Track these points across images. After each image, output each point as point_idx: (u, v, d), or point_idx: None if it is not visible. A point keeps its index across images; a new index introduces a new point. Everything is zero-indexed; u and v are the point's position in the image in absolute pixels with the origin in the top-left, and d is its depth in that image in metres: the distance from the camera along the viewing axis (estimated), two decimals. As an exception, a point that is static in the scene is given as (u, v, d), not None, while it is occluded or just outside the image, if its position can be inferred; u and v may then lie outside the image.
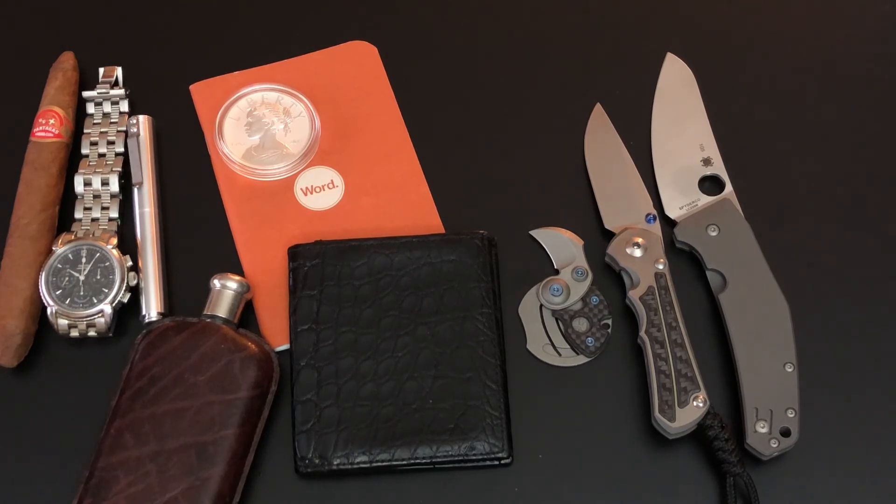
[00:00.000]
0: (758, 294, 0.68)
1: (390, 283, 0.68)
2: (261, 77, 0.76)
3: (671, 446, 0.66)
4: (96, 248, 0.69)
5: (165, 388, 0.64)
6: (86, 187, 0.72)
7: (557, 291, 0.69)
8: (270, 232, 0.72)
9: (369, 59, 0.78)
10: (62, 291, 0.67)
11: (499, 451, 0.65)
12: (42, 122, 0.72)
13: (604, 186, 0.74)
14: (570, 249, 0.71)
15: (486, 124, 0.76)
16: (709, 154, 0.74)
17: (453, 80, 0.78)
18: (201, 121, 0.75)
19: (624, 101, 0.77)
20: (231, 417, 0.63)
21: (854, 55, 0.80)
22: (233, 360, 0.65)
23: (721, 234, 0.70)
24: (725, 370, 0.68)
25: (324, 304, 0.67)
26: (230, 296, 0.67)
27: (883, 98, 0.78)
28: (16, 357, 0.66)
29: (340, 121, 0.75)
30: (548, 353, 0.69)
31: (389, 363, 0.66)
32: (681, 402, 0.64)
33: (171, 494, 0.61)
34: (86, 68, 0.77)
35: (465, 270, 0.68)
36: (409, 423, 0.65)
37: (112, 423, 0.63)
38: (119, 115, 0.75)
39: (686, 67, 0.78)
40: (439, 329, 0.67)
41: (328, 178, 0.73)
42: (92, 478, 0.62)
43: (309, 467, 0.64)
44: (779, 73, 0.79)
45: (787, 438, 0.64)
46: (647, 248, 0.69)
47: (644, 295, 0.68)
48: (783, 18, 0.81)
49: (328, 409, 0.65)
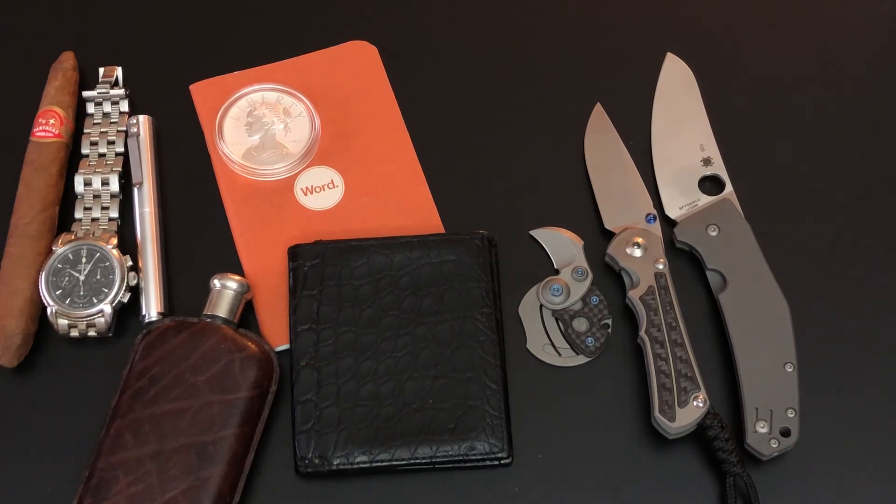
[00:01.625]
0: (758, 294, 0.68)
1: (390, 283, 0.68)
2: (261, 77, 0.76)
3: (671, 446, 0.66)
4: (96, 248, 0.69)
5: (165, 388, 0.64)
6: (86, 187, 0.72)
7: (557, 291, 0.69)
8: (270, 232, 0.72)
9: (369, 59, 0.78)
10: (62, 291, 0.67)
11: (499, 451, 0.65)
12: (42, 122, 0.72)
13: (604, 186, 0.74)
14: (570, 249, 0.71)
15: (485, 124, 0.76)
16: (709, 154, 0.74)
17: (453, 80, 0.78)
18: (201, 121, 0.75)
19: (624, 101, 0.77)
20: (231, 417, 0.63)
21: (854, 55, 0.80)
22: (233, 360, 0.65)
23: (721, 234, 0.70)
24: (725, 370, 0.68)
25: (324, 304, 0.67)
26: (230, 296, 0.67)
27: (883, 98, 0.78)
28: (16, 357, 0.66)
29: (340, 121, 0.75)
30: (548, 353, 0.69)
31: (389, 363, 0.66)
32: (681, 402, 0.64)
33: (171, 494, 0.61)
34: (86, 68, 0.77)
35: (465, 270, 0.68)
36: (409, 423, 0.65)
37: (112, 423, 0.63)
38: (119, 115, 0.75)
39: (686, 67, 0.78)
40: (439, 329, 0.67)
41: (328, 178, 0.73)
42: (92, 478, 0.62)
43: (309, 467, 0.64)
44: (779, 73, 0.79)
45: (787, 438, 0.64)
46: (647, 248, 0.69)
47: (644, 295, 0.68)
48: (783, 18, 0.81)
49: (328, 409, 0.65)
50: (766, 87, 0.78)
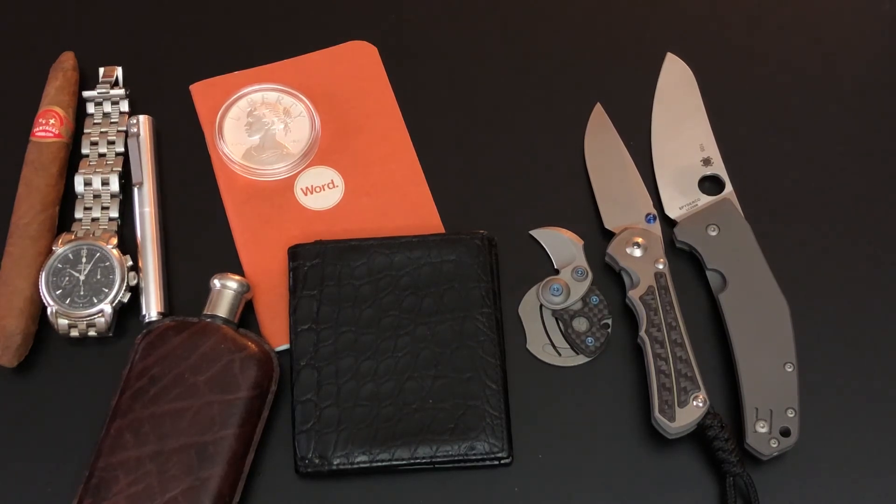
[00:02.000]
0: (758, 294, 0.68)
1: (390, 283, 0.68)
2: (261, 77, 0.76)
3: (671, 446, 0.66)
4: (96, 247, 0.69)
5: (165, 388, 0.64)
6: (86, 187, 0.72)
7: (557, 291, 0.69)
8: (270, 232, 0.72)
9: (369, 59, 0.78)
10: (62, 291, 0.67)
11: (499, 451, 0.65)
12: (42, 122, 0.72)
13: (604, 186, 0.74)
14: (570, 249, 0.71)
15: (486, 124, 0.76)
16: (709, 154, 0.74)
17: (453, 80, 0.78)
18: (201, 121, 0.75)
19: (624, 101, 0.77)
20: (231, 417, 0.63)
21: (854, 55, 0.79)
22: (233, 360, 0.65)
23: (721, 234, 0.70)
24: (725, 370, 0.68)
25: (324, 304, 0.67)
26: (230, 296, 0.67)
27: (883, 98, 0.78)
28: (16, 357, 0.66)
29: (340, 121, 0.75)
30: (548, 353, 0.69)
31: (389, 363, 0.66)
32: (681, 402, 0.64)
33: (171, 494, 0.61)
34: (86, 68, 0.77)
35: (465, 270, 0.68)
36: (409, 423, 0.65)
37: (112, 423, 0.63)
38: (119, 115, 0.75)
39: (686, 67, 0.78)
40: (439, 329, 0.67)
41: (328, 178, 0.73)
42: (92, 478, 0.62)
43: (309, 467, 0.64)
44: (779, 73, 0.79)
45: (787, 438, 0.64)
46: (647, 248, 0.69)
47: (644, 295, 0.68)
48: (783, 18, 0.81)
49: (328, 409, 0.65)
50: (765, 87, 0.78)
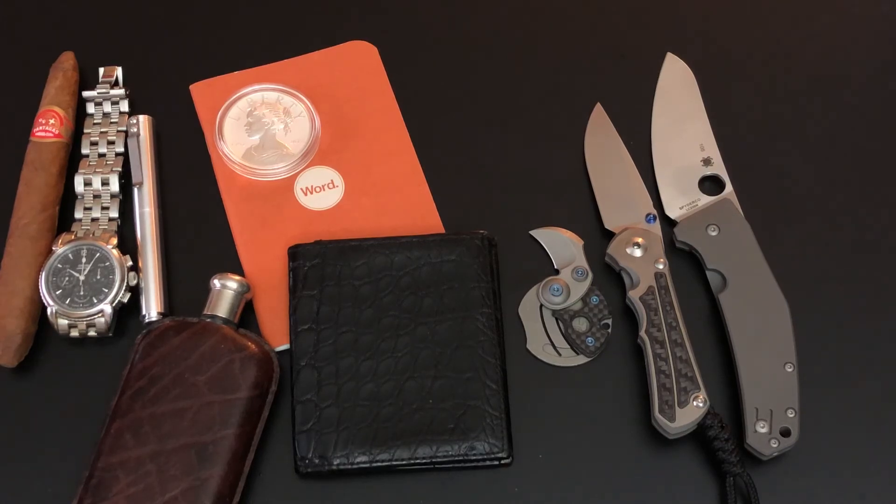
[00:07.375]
0: (758, 294, 0.68)
1: (390, 283, 0.68)
2: (261, 77, 0.76)
3: (671, 446, 0.66)
4: (96, 247, 0.69)
5: (165, 388, 0.64)
6: (86, 187, 0.72)
7: (557, 291, 0.69)
8: (270, 232, 0.72)
9: (369, 59, 0.78)
10: (62, 291, 0.67)
11: (499, 451, 0.65)
12: (42, 122, 0.72)
13: (604, 186, 0.74)
14: (570, 249, 0.71)
15: (485, 124, 0.76)
16: (709, 154, 0.74)
17: (453, 80, 0.78)
18: (201, 121, 0.75)
19: (624, 101, 0.77)
20: (231, 417, 0.63)
21: (854, 55, 0.80)
22: (233, 360, 0.65)
23: (721, 234, 0.70)
24: (725, 370, 0.68)
25: (324, 304, 0.67)
26: (230, 296, 0.67)
27: (883, 98, 0.78)
28: (16, 357, 0.66)
29: (340, 121, 0.75)
30: (548, 353, 0.69)
31: (389, 363, 0.66)
32: (681, 402, 0.64)
33: (171, 494, 0.61)
34: (86, 68, 0.77)
35: (465, 270, 0.68)
36: (409, 423, 0.65)
37: (112, 423, 0.63)
38: (119, 115, 0.75)
39: (686, 67, 0.78)
40: (439, 329, 0.67)
41: (328, 178, 0.73)
42: (92, 478, 0.62)
43: (309, 467, 0.64)
44: (779, 73, 0.79)
45: (787, 438, 0.64)
46: (647, 248, 0.69)
47: (644, 295, 0.68)
48: (783, 18, 0.81)
49: (328, 409, 0.65)
50: (766, 87, 0.78)
